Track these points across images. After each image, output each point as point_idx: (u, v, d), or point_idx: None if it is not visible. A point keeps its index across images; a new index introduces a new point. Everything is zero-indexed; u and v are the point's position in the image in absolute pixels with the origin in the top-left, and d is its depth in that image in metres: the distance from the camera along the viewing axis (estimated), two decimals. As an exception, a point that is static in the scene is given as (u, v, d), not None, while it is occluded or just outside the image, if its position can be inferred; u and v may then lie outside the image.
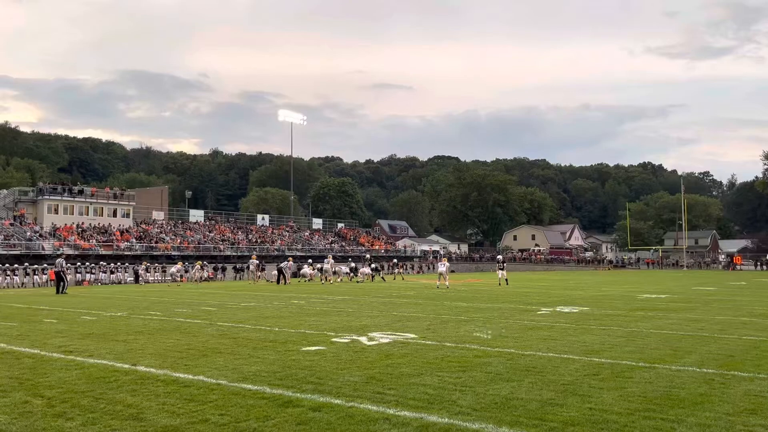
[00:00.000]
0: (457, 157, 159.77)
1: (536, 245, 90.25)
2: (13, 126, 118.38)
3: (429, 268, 68.86)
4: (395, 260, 50.20)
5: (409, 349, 8.40)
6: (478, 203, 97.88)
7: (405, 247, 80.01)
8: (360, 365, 7.19)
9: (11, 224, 47.23)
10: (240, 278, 46.29)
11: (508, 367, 7.00)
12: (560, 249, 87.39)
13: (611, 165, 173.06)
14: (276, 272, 35.49)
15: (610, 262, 76.83)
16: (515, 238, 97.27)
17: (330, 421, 4.78)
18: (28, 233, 46.26)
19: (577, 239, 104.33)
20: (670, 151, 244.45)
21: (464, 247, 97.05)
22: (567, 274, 53.03)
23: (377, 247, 71.93)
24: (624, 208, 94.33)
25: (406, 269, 61.33)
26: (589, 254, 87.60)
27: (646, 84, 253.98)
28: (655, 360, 7.53)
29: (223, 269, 49.55)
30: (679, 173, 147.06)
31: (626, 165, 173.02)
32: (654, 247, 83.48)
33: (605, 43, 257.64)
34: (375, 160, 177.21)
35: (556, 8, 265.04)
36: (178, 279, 37.41)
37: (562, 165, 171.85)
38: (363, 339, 9.46)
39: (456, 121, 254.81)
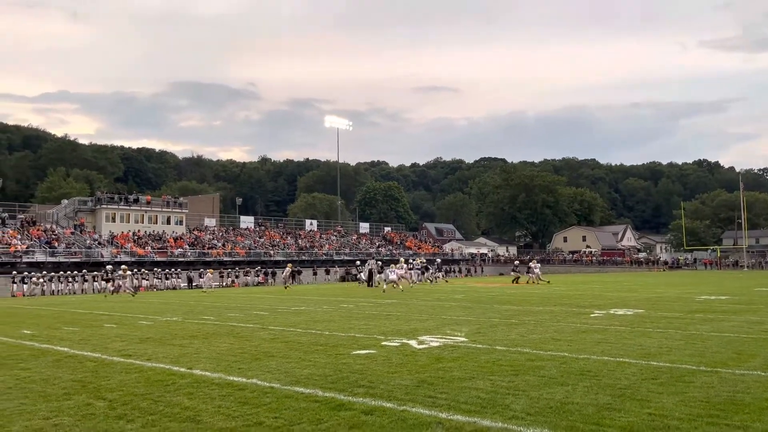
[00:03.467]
0: (504, 159, 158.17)
1: (587, 246, 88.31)
2: (72, 138, 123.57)
3: (477, 271, 68.29)
4: (438, 260, 49.81)
5: (459, 353, 8.34)
6: (527, 205, 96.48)
7: (452, 250, 79.53)
8: (411, 369, 7.17)
9: (72, 233, 49.14)
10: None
11: (562, 371, 6.87)
12: (612, 250, 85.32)
13: (664, 163, 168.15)
14: (345, 274, 35.80)
15: (665, 263, 74.52)
16: (565, 239, 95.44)
17: (382, 424, 4.78)
18: (88, 241, 48.05)
19: (629, 240, 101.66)
20: (728, 147, 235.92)
21: (513, 249, 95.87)
22: (620, 275, 51.71)
23: (424, 250, 71.71)
24: (678, 207, 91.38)
25: (454, 273, 60.96)
26: (642, 255, 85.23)
27: (700, 79, 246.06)
28: (716, 364, 7.25)
29: (273, 274, 50.31)
30: (737, 170, 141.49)
31: (680, 163, 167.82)
32: (711, 247, 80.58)
33: (655, 38, 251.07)
34: (421, 164, 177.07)
35: (604, 5, 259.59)
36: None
37: (613, 164, 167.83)
38: (413, 342, 9.44)
39: (502, 122, 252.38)
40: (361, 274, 37.73)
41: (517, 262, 36.15)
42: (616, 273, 60.76)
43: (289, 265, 41.68)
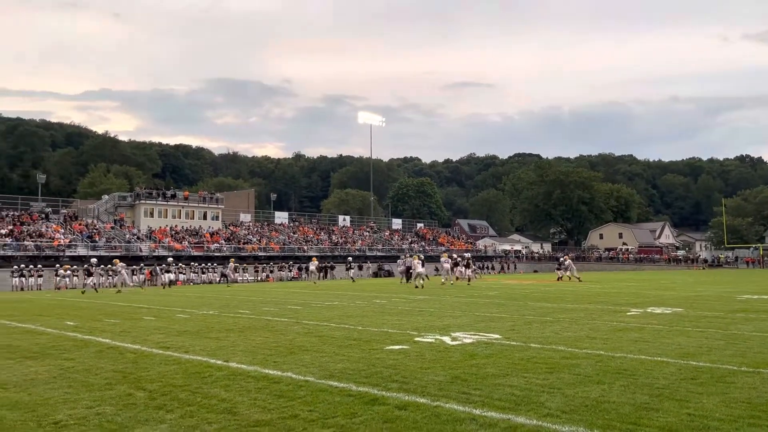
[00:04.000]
0: (538, 155, 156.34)
1: (624, 244, 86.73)
2: (112, 135, 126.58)
3: (510, 268, 67.70)
4: (467, 254, 49.36)
5: (493, 350, 8.30)
6: (562, 201, 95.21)
7: (485, 246, 79.04)
8: (444, 365, 7.17)
9: (112, 227, 50.34)
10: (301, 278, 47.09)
11: (598, 370, 6.78)
12: (650, 248, 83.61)
13: (704, 159, 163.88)
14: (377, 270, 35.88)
15: (705, 261, 72.70)
16: (601, 236, 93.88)
17: (416, 419, 4.79)
18: (127, 236, 49.14)
19: (667, 237, 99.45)
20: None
21: (547, 246, 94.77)
22: (657, 273, 50.67)
23: (457, 246, 71.40)
24: (719, 204, 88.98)
25: (487, 270, 60.56)
26: (681, 253, 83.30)
27: (743, 72, 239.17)
28: (759, 364, 7.06)
29: (307, 269, 50.67)
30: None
31: (721, 158, 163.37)
32: (754, 245, 78.29)
33: (695, 31, 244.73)
34: (454, 160, 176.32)
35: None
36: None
37: (651, 160, 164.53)
38: (446, 339, 9.43)
39: (537, 117, 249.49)
40: (399, 269, 37.71)
41: (567, 261, 35.21)
42: (653, 271, 59.57)
43: (314, 259, 42.09)
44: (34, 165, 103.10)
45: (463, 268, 33.22)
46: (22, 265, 38.85)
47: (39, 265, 39.63)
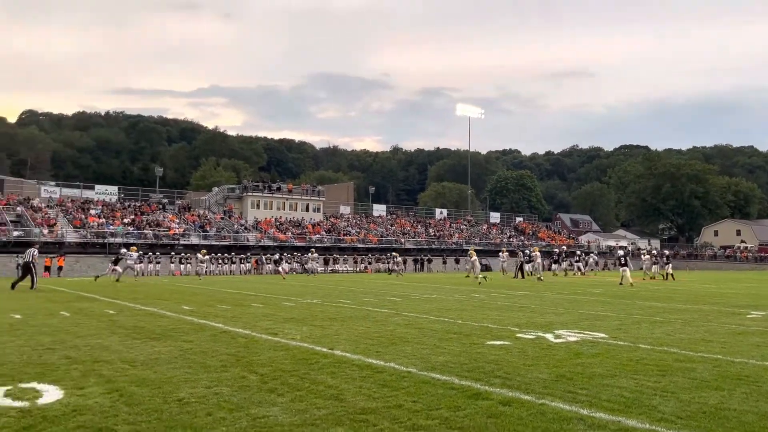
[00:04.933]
0: (646, 146, 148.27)
1: (742, 241, 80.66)
2: (222, 130, 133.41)
3: (616, 265, 64.82)
4: (561, 249, 47.71)
5: (599, 349, 8.03)
6: (672, 195, 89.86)
7: (588, 242, 76.22)
8: (548, 362, 7.03)
9: (222, 218, 53.08)
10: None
11: (715, 375, 6.40)
12: (772, 246, 77.24)
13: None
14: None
15: (839, 261, 66.20)
16: (716, 233, 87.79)
17: (521, 416, 4.75)
18: (235, 226, 51.64)
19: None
20: None
21: (655, 243, 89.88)
22: (782, 274, 46.76)
23: (558, 241, 69.40)
24: None
25: (591, 266, 58.30)
26: (810, 252, 76.32)
27: None
28: None
29: (405, 262, 51.07)
30: None
31: None
32: None
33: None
34: (555, 152, 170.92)
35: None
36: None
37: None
38: (549, 336, 9.23)
39: (645, 107, 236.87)
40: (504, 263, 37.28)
41: (620, 253, 33.68)
42: (776, 271, 55.03)
43: (395, 253, 42.55)
44: (152, 159, 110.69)
45: (554, 263, 32.60)
46: (140, 252, 41.84)
47: (157, 252, 42.51)
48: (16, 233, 40.79)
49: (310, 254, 40.93)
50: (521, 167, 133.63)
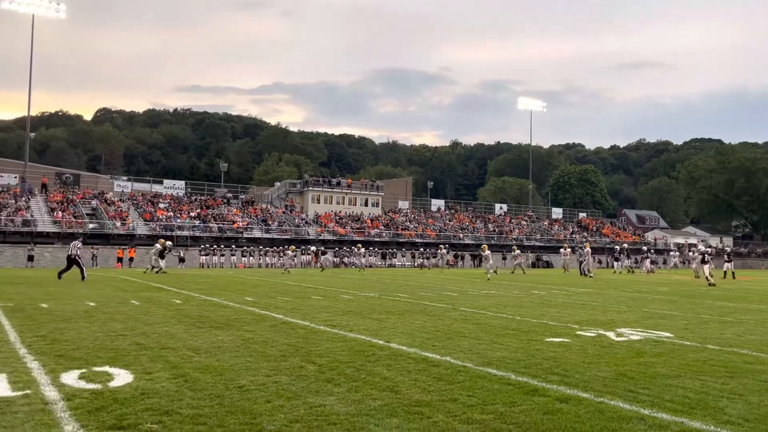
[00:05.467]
0: (719, 140, 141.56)
1: (824, 240, 76.07)
2: (284, 126, 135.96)
3: (684, 263, 62.36)
4: (622, 246, 46.26)
5: (663, 349, 7.78)
6: (746, 191, 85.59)
7: (655, 239, 73.66)
8: (608, 361, 6.87)
9: (284, 212, 54.13)
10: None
11: (789, 378, 6.09)
12: None
13: None
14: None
15: None
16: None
17: (578, 414, 4.67)
18: (296, 220, 52.57)
19: None
20: None
21: (728, 240, 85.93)
22: None
23: (623, 238, 67.40)
24: None
25: (658, 264, 56.35)
26: None
27: None
28: None
29: (462, 257, 50.80)
30: None
31: None
32: None
33: None
34: (621, 146, 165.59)
35: None
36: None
37: None
38: (610, 334, 9.00)
39: (719, 98, 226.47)
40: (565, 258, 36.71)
41: (645, 248, 32.52)
42: None
43: (441, 247, 42.29)
44: (217, 154, 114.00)
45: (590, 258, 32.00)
46: (207, 245, 43.27)
47: (222, 245, 43.82)
48: (91, 225, 42.91)
49: (355, 248, 41.15)
50: (585, 162, 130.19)
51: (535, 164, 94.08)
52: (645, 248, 47.52)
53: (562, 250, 40.08)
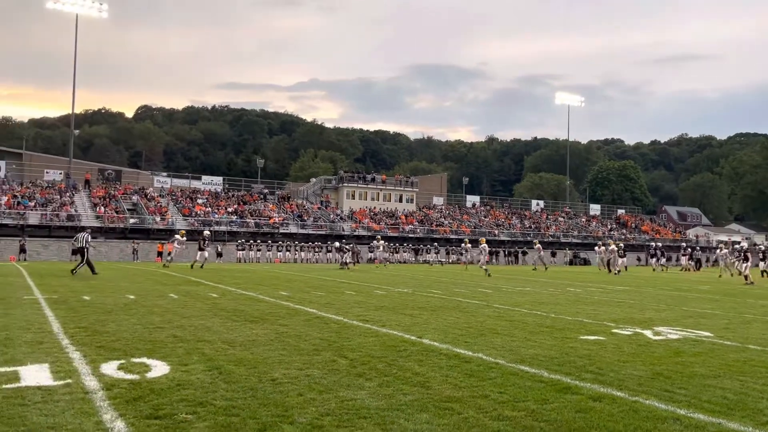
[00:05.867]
0: (765, 134, 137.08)
1: None
2: (320, 123, 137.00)
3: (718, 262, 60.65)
4: (656, 243, 45.14)
5: (702, 348, 7.60)
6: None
7: (697, 236, 71.84)
8: (644, 360, 6.75)
9: (319, 208, 54.52)
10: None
11: (835, 381, 5.88)
12: None
13: None
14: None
15: None
16: None
17: (612, 413, 4.61)
18: (331, 216, 52.89)
19: None
20: None
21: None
22: None
23: (663, 235, 65.93)
24: None
25: (701, 263, 54.95)
26: None
27: None
28: None
29: (496, 254, 50.40)
30: None
31: None
32: None
33: None
34: (662, 141, 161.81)
35: None
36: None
37: None
38: (647, 333, 8.83)
39: (765, 92, 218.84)
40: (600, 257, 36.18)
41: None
42: None
43: (466, 240, 41.89)
44: (254, 150, 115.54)
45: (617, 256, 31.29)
46: (243, 240, 43.88)
47: (258, 240, 44.39)
48: (132, 220, 43.96)
49: (375, 242, 39.99)
50: (624, 157, 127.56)
51: (572, 160, 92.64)
52: (684, 245, 46.32)
53: (596, 248, 39.47)
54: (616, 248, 32.67)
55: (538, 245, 38.29)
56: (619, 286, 19.73)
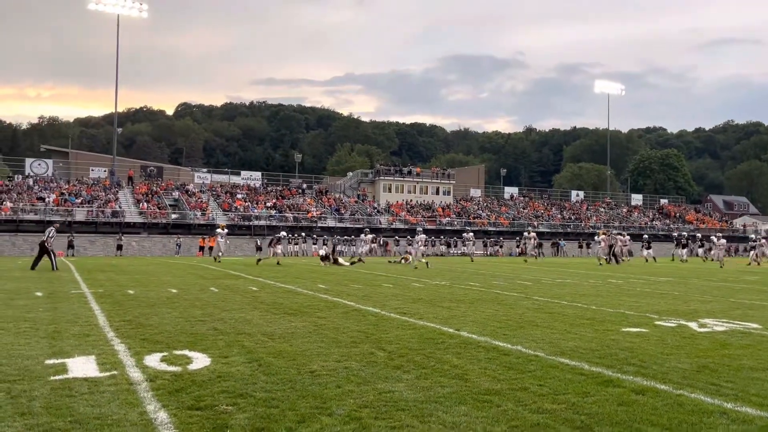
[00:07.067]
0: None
1: None
2: (356, 117, 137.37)
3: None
4: (681, 233, 43.70)
5: (750, 340, 7.37)
6: None
7: (744, 226, 69.61)
8: (689, 352, 6.57)
9: (356, 202, 54.74)
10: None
11: None
12: None
13: None
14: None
15: None
16: None
17: (655, 406, 4.50)
18: (368, 209, 53.03)
19: None
20: None
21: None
22: None
23: (708, 225, 64.09)
24: None
25: (743, 253, 53.23)
26: None
27: None
28: None
29: (541, 245, 49.69)
30: None
31: None
32: None
33: None
34: (707, 128, 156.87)
35: None
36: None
37: None
38: (692, 324, 8.61)
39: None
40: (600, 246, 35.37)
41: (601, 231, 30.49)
42: None
43: (530, 234, 41.33)
44: (292, 145, 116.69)
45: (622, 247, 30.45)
46: (282, 233, 44.29)
47: (296, 234, 44.82)
48: (174, 216, 44.92)
49: (363, 236, 37.83)
50: (667, 146, 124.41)
51: (613, 149, 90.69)
52: (719, 235, 44.61)
53: (596, 237, 38.03)
54: (620, 238, 31.81)
55: (533, 233, 37.60)
56: (663, 278, 19.28)
